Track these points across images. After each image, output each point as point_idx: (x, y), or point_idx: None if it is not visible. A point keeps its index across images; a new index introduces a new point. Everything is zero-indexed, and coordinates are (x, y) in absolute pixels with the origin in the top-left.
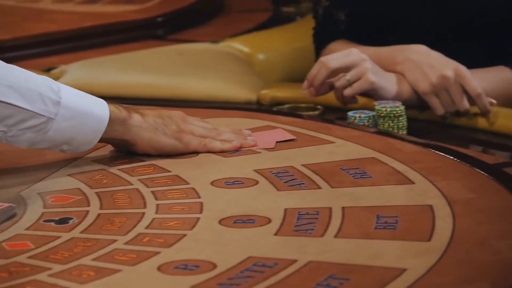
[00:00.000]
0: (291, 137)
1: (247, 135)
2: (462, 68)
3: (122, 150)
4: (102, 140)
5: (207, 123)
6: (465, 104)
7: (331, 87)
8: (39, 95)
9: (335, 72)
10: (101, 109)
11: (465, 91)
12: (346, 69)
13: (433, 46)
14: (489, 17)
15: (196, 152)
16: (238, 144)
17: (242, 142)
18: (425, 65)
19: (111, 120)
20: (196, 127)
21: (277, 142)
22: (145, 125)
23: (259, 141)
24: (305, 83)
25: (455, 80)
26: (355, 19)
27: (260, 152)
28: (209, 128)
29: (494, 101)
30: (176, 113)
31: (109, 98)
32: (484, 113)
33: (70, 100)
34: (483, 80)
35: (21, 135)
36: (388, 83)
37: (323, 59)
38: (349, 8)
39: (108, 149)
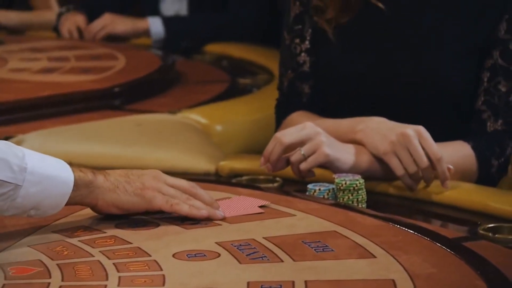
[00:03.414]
0: (266, 202)
1: (217, 207)
2: (423, 129)
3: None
4: (68, 203)
5: (188, 183)
6: (426, 160)
7: (288, 162)
8: (6, 163)
9: (290, 147)
10: (66, 172)
11: (425, 154)
12: (301, 143)
13: (395, 117)
14: (450, 94)
15: (159, 218)
16: (206, 214)
17: (211, 213)
18: (384, 129)
19: (77, 184)
20: (166, 187)
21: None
22: (107, 185)
23: (234, 208)
24: (262, 160)
25: (415, 137)
26: (318, 91)
27: (221, 224)
28: (183, 188)
29: (451, 166)
30: (150, 171)
31: None
32: (442, 180)
33: (35, 165)
34: (442, 153)
35: None
36: (344, 154)
37: (277, 134)
38: (313, 80)
39: (68, 219)
